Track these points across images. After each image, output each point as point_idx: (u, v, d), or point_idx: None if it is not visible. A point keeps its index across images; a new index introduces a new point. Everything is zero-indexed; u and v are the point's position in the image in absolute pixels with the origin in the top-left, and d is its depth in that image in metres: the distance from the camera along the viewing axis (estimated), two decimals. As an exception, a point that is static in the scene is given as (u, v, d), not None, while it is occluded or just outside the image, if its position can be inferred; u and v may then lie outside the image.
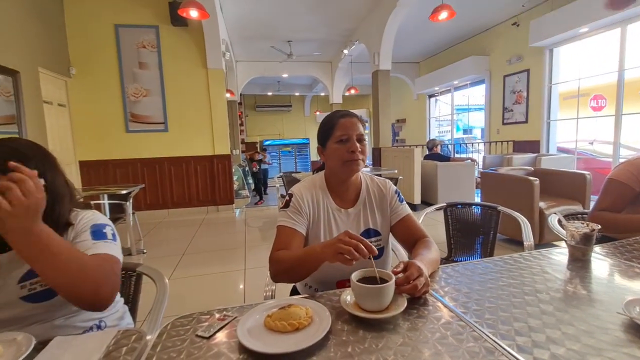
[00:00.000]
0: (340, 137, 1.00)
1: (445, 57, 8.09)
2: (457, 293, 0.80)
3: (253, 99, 12.70)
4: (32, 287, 0.78)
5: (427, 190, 4.94)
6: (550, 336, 0.61)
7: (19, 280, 0.77)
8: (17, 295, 0.77)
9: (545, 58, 5.54)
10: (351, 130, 1.00)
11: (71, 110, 4.63)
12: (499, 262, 0.98)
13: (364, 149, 1.01)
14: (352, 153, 0.99)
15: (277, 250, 0.94)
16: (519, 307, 0.71)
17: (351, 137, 1.00)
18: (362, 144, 1.01)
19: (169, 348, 0.61)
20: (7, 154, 0.74)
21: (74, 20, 4.55)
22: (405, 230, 1.07)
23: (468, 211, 1.81)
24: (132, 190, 3.27)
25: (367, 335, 0.63)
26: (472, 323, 0.66)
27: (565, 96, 5.71)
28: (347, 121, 1.02)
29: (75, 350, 0.61)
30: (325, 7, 5.43)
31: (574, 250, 0.97)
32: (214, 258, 3.23)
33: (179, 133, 5.04)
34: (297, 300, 0.74)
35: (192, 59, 4.98)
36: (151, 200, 5.04)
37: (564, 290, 0.80)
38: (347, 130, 1.00)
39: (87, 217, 0.85)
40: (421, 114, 9.52)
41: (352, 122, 1.01)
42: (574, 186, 3.10)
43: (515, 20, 5.92)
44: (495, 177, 3.35)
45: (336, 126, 1.02)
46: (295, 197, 1.02)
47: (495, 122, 6.74)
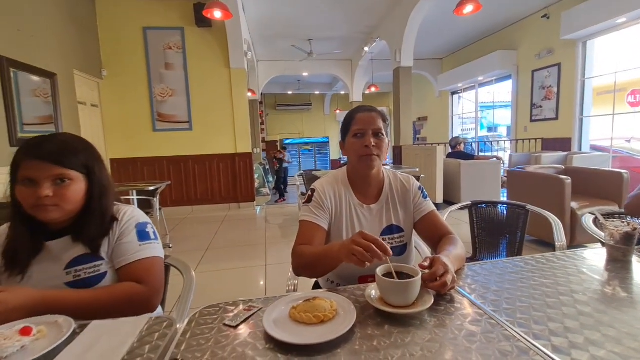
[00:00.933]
0: (356, 132, 1.00)
1: (470, 52, 7.84)
2: (485, 291, 0.77)
3: (274, 98, 12.83)
4: (77, 274, 0.81)
5: (450, 189, 4.81)
6: (589, 338, 0.58)
7: (66, 266, 0.81)
8: (62, 281, 0.81)
9: (578, 51, 5.25)
10: (368, 124, 0.99)
11: (103, 110, 4.85)
12: (530, 261, 0.94)
13: (379, 144, 0.99)
14: (366, 148, 0.98)
15: (300, 245, 0.95)
16: (553, 307, 0.68)
17: (367, 131, 0.99)
18: (379, 138, 0.99)
19: (198, 335, 0.63)
20: (58, 147, 0.78)
21: (105, 25, 4.77)
22: (429, 227, 1.05)
23: (494, 210, 1.75)
24: (159, 187, 3.40)
25: (393, 330, 0.62)
26: (504, 322, 0.64)
27: (599, 91, 5.39)
28: (364, 116, 1.00)
29: (111, 334, 0.64)
30: (347, 3, 5.39)
31: (613, 250, 0.91)
32: (236, 253, 3.29)
33: (202, 132, 5.17)
34: (322, 294, 0.74)
35: (216, 59, 5.09)
36: (176, 196, 5.21)
37: (602, 291, 0.76)
38: (363, 124, 0.99)
39: (129, 213, 0.88)
40: (443, 112, 9.28)
41: (370, 117, 1.00)
42: (609, 186, 2.93)
43: (545, 12, 5.65)
44: (523, 176, 3.22)
45: (354, 120, 1.01)
46: (317, 192, 1.02)
47: (522, 119, 6.47)
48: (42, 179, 0.75)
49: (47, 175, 0.75)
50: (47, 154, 0.75)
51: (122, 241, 0.84)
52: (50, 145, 0.77)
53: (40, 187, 0.74)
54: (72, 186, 0.78)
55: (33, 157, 0.74)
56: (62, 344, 0.60)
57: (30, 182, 0.75)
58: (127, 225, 0.86)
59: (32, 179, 0.74)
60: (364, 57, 7.72)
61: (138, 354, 0.58)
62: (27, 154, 0.75)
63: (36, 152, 0.75)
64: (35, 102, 3.42)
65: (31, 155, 0.75)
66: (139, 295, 0.80)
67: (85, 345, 0.61)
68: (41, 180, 0.75)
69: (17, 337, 0.59)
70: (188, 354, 0.57)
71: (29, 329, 0.61)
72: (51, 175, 0.75)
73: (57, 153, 0.76)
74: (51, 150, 0.76)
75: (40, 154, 0.75)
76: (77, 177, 0.79)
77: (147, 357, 0.57)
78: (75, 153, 0.79)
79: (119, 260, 0.84)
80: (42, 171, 0.74)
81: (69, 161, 0.77)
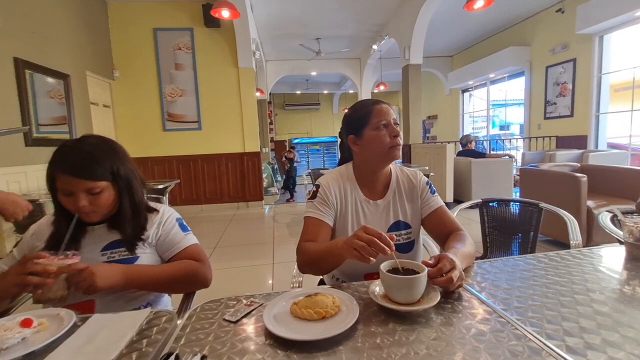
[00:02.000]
0: (379, 123, 0.97)
1: (481, 49, 7.69)
2: (495, 289, 0.74)
3: (282, 98, 12.86)
4: (111, 255, 0.87)
5: (460, 188, 4.73)
6: (607, 338, 0.54)
7: (102, 248, 0.88)
8: (97, 262, 0.85)
9: (594, 46, 5.09)
10: (389, 115, 0.98)
11: (114, 111, 4.94)
12: (543, 258, 0.90)
13: (399, 134, 1.00)
14: (395, 138, 0.97)
15: (305, 242, 0.94)
16: (568, 307, 0.65)
17: (389, 122, 0.98)
18: (398, 128, 1.00)
19: (198, 330, 0.62)
20: (84, 160, 0.82)
21: (117, 26, 4.85)
22: (437, 223, 1.02)
23: (505, 209, 1.70)
24: (169, 185, 3.43)
25: (397, 328, 0.60)
26: (514, 320, 0.61)
27: (616, 87, 5.22)
28: (383, 107, 0.99)
29: (111, 327, 0.63)
30: (355, 1, 5.36)
31: (633, 248, 0.87)
32: (244, 252, 3.30)
33: (211, 131, 5.21)
34: (324, 290, 0.72)
35: (224, 58, 5.12)
36: (186, 195, 5.26)
37: (621, 290, 0.72)
38: (385, 115, 0.98)
39: (167, 211, 0.99)
40: (454, 110, 9.14)
41: (387, 109, 1.00)
42: (627, 184, 2.82)
43: (559, 6, 5.49)
44: (536, 174, 3.13)
45: (372, 113, 0.98)
46: (322, 188, 1.01)
47: (536, 116, 6.31)
48: (77, 192, 0.81)
49: (81, 189, 0.81)
50: (76, 169, 0.80)
51: (169, 235, 0.94)
52: (77, 159, 0.81)
53: (77, 199, 0.81)
54: (103, 195, 0.84)
55: (64, 173, 0.80)
56: (63, 336, 0.60)
57: (67, 193, 0.82)
58: (169, 220, 0.96)
59: (68, 192, 0.81)
60: (373, 56, 7.66)
61: (136, 347, 0.57)
62: (58, 169, 0.81)
63: (66, 168, 0.80)
64: (49, 103, 3.50)
65: (62, 170, 0.80)
66: (200, 269, 0.91)
67: (85, 337, 0.60)
68: (77, 192, 0.81)
69: (18, 329, 0.59)
70: (186, 348, 0.56)
71: (30, 320, 0.61)
72: (84, 189, 0.81)
73: (85, 167, 0.81)
74: (79, 164, 0.81)
75: (70, 170, 0.80)
76: (106, 185, 0.85)
77: (145, 351, 0.56)
78: (101, 163, 0.84)
79: (172, 250, 0.93)
80: (75, 185, 0.81)
81: (96, 173, 0.82)
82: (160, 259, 0.95)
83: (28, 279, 0.69)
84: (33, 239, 0.89)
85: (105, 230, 0.90)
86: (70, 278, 0.73)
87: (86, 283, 0.73)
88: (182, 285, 0.90)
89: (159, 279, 0.86)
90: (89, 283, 0.73)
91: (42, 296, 0.72)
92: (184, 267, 0.90)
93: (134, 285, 0.83)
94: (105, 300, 0.85)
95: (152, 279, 0.85)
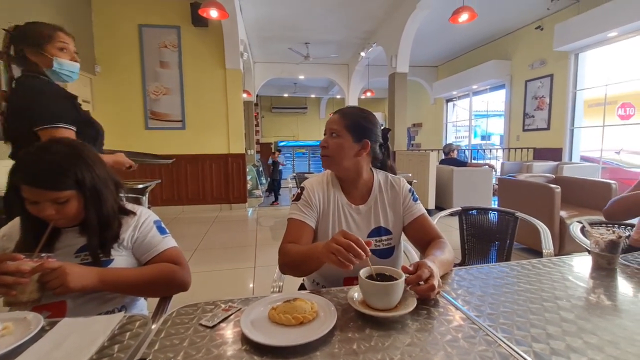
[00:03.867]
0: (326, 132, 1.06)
1: (465, 61, 7.93)
2: (470, 296, 0.76)
3: (269, 101, 12.82)
4: (85, 257, 0.85)
5: (442, 195, 4.83)
6: (571, 345, 0.57)
7: (77, 250, 0.85)
8: None
9: (570, 63, 5.35)
10: (328, 126, 1.04)
11: (94, 107, 4.78)
12: (515, 267, 0.94)
13: (330, 144, 1.01)
14: (322, 148, 1.03)
15: (287, 243, 0.95)
16: (536, 314, 0.68)
17: (326, 131, 1.04)
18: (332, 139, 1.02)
19: (172, 335, 0.61)
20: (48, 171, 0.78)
21: (100, 20, 4.72)
22: (419, 230, 1.04)
23: (484, 217, 1.75)
24: (149, 185, 3.34)
25: (373, 334, 0.61)
26: (486, 327, 0.63)
27: (590, 103, 5.49)
28: (330, 118, 1.06)
29: (81, 332, 0.61)
30: (345, 8, 5.42)
31: (598, 258, 0.91)
32: (225, 255, 3.25)
33: (195, 131, 5.12)
34: (303, 295, 0.72)
35: (211, 59, 5.07)
36: (167, 196, 5.14)
37: (586, 298, 0.75)
38: (327, 124, 1.05)
39: (144, 213, 0.97)
40: (438, 119, 9.36)
41: (331, 119, 1.05)
42: (598, 196, 2.96)
43: (539, 23, 5.75)
44: (514, 184, 3.24)
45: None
46: (306, 190, 1.03)
47: (515, 128, 6.55)
48: (42, 202, 0.79)
49: (47, 199, 0.78)
50: (39, 181, 0.77)
51: (146, 238, 0.92)
52: (40, 169, 0.78)
53: (43, 209, 0.79)
54: (69, 204, 0.81)
55: (27, 184, 0.77)
56: (29, 341, 0.58)
57: (33, 203, 0.79)
58: (146, 223, 0.94)
59: (34, 201, 0.79)
60: (361, 62, 7.76)
61: (107, 353, 0.56)
62: (22, 180, 0.77)
63: (28, 179, 0.77)
64: (24, 95, 3.36)
65: (25, 181, 0.77)
66: (178, 273, 0.89)
67: (53, 342, 0.58)
68: (42, 203, 0.79)
69: (-19, 334, 0.56)
70: (160, 354, 0.55)
71: (-6, 325, 0.58)
72: (50, 199, 0.79)
73: (48, 178, 0.78)
74: (42, 175, 0.77)
75: (33, 181, 0.77)
76: (72, 194, 0.81)
77: (116, 357, 0.55)
78: (65, 173, 0.80)
79: (149, 253, 0.92)
80: (40, 196, 0.78)
81: (60, 184, 0.79)
82: (137, 262, 0.93)
83: (2, 278, 0.67)
84: (4, 241, 0.86)
85: (76, 234, 0.87)
86: (42, 277, 0.71)
87: (58, 282, 0.71)
88: (160, 289, 0.89)
89: (135, 282, 0.84)
90: (60, 282, 0.71)
91: (16, 298, 0.69)
92: (161, 271, 0.88)
93: (109, 288, 0.82)
94: (78, 301, 0.82)
95: (128, 282, 0.83)
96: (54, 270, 0.71)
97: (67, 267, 0.73)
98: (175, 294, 0.92)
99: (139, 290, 0.88)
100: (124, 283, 0.83)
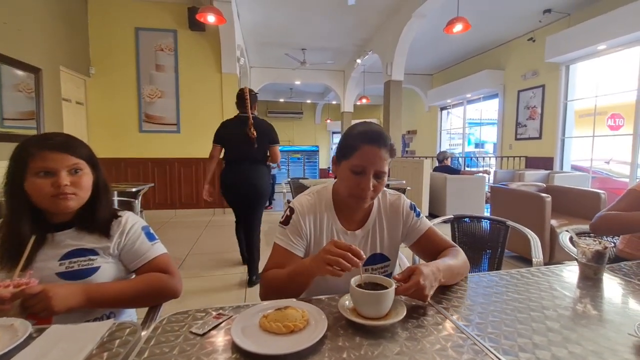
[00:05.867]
0: (355, 167, 0.86)
1: (459, 70, 8.06)
2: (460, 305, 0.77)
3: (265, 105, 12.84)
4: (70, 265, 0.83)
5: (436, 202, 4.87)
6: (556, 354, 0.58)
7: (61, 257, 0.83)
8: (54, 271, 0.81)
9: (561, 74, 5.46)
10: (371, 163, 0.84)
11: (88, 109, 4.75)
12: (505, 276, 0.95)
13: (378, 188, 0.87)
14: (362, 190, 0.86)
15: (268, 270, 0.90)
16: (524, 323, 0.69)
17: (367, 171, 0.85)
18: (379, 181, 0.87)
19: (162, 343, 0.61)
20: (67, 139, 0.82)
21: (96, 22, 4.71)
22: (429, 245, 0.99)
23: (476, 225, 1.77)
24: (142, 189, 3.32)
25: (363, 342, 0.61)
26: (474, 336, 0.64)
27: (581, 114, 5.60)
28: (371, 150, 0.84)
29: (70, 340, 0.61)
30: (341, 16, 5.49)
31: (585, 268, 0.93)
32: (218, 260, 3.23)
33: (190, 135, 5.11)
34: (294, 303, 0.72)
35: (208, 63, 5.08)
36: (160, 199, 5.10)
37: (572, 308, 0.77)
38: (366, 161, 0.84)
39: (132, 219, 0.94)
40: (432, 126, 9.46)
41: (376, 154, 0.84)
42: (587, 205, 3.01)
43: (531, 35, 5.88)
44: (506, 192, 3.28)
45: (357, 152, 0.85)
46: (296, 215, 0.93)
47: (507, 136, 6.65)
48: (60, 169, 0.78)
49: (65, 165, 0.79)
50: (61, 145, 0.80)
51: (135, 245, 0.90)
52: (60, 137, 0.82)
53: (60, 177, 0.78)
54: (85, 176, 0.84)
55: (49, 149, 0.78)
56: (16, 349, 0.57)
57: (46, 174, 0.78)
58: (134, 229, 0.91)
59: (50, 169, 0.78)
60: (356, 69, 7.84)
61: (95, 361, 0.55)
62: (41, 146, 0.78)
63: (51, 144, 0.79)
64: (17, 96, 3.33)
65: (46, 146, 0.78)
66: (168, 282, 0.88)
67: (41, 350, 0.58)
68: (60, 170, 0.78)
69: (-34, 341, 0.56)
70: (149, 362, 0.55)
71: (-20, 332, 0.58)
72: (68, 165, 0.80)
73: (70, 144, 0.81)
74: (63, 141, 0.81)
75: (56, 145, 0.79)
76: (87, 167, 0.85)
77: (105, 365, 0.54)
78: (82, 145, 0.85)
79: (138, 261, 0.90)
80: (59, 161, 0.78)
81: (80, 151, 0.83)
82: (125, 269, 0.91)
83: None
84: None
85: (74, 234, 0.86)
86: (25, 302, 0.68)
87: (41, 306, 0.69)
88: (149, 300, 0.88)
89: (123, 296, 0.82)
90: (44, 306, 0.69)
91: None
92: (150, 282, 0.86)
93: (96, 305, 0.80)
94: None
95: (115, 297, 0.81)
96: (36, 295, 0.69)
97: (49, 290, 0.70)
98: (165, 302, 0.91)
99: (127, 303, 0.87)
100: (111, 298, 0.81)
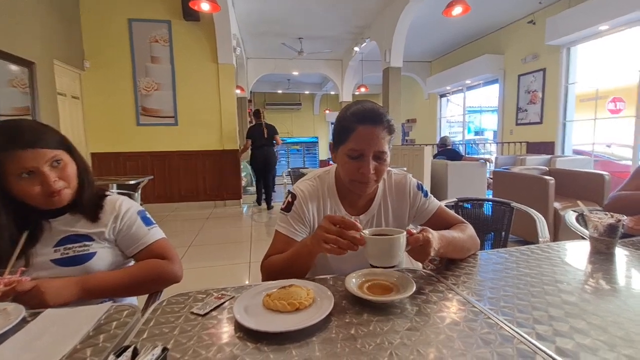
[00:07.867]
0: (352, 152, 0.81)
1: (458, 56, 7.95)
2: (469, 281, 0.75)
3: (263, 97, 12.73)
4: (65, 251, 0.80)
5: (437, 189, 4.84)
6: (574, 326, 0.56)
7: (56, 244, 0.80)
8: (49, 258, 0.79)
9: (562, 57, 5.38)
10: (368, 144, 0.79)
11: (84, 103, 4.68)
12: (514, 252, 0.92)
13: (380, 170, 0.82)
14: (362, 175, 0.81)
15: (269, 256, 0.87)
16: (537, 297, 0.66)
17: (366, 154, 0.80)
18: (381, 163, 0.82)
19: (162, 324, 0.58)
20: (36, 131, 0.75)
21: (89, 14, 4.61)
22: (440, 224, 0.94)
23: (479, 209, 1.75)
24: (141, 181, 3.29)
25: (372, 318, 0.59)
26: (487, 310, 0.61)
27: (582, 98, 5.53)
28: (367, 131, 0.79)
29: (64, 323, 0.58)
30: (338, 3, 5.38)
31: (597, 242, 0.90)
32: (220, 251, 3.22)
33: (188, 127, 5.05)
34: (298, 281, 0.70)
35: (203, 53, 4.99)
36: (160, 193, 5.07)
37: (586, 281, 0.74)
38: (362, 144, 0.79)
39: (126, 203, 0.90)
40: (432, 114, 9.38)
41: (373, 134, 0.79)
42: (591, 187, 2.98)
43: (531, 17, 5.77)
44: (508, 176, 3.25)
45: (352, 134, 0.80)
46: (298, 201, 0.90)
47: (508, 122, 6.58)
48: (40, 166, 0.73)
49: (44, 161, 0.73)
50: (31, 141, 0.72)
51: (131, 229, 0.87)
52: (28, 132, 0.73)
53: (45, 176, 0.73)
54: (67, 165, 0.79)
55: (20, 148, 0.71)
56: (9, 332, 0.54)
57: (29, 173, 0.72)
58: (129, 214, 0.88)
59: (30, 169, 0.72)
60: (354, 57, 7.73)
61: (92, 342, 0.53)
62: (9, 148, 0.70)
63: (20, 143, 0.71)
64: (11, 92, 3.27)
65: (16, 147, 0.71)
66: (167, 268, 0.85)
67: (35, 333, 0.55)
68: (40, 167, 0.73)
69: (-44, 325, 0.53)
70: (148, 342, 0.52)
71: (-30, 316, 0.55)
72: (47, 160, 0.74)
73: (39, 136, 0.74)
74: (31, 135, 0.72)
75: (26, 143, 0.71)
76: (65, 155, 0.79)
77: (101, 347, 0.52)
78: (51, 132, 0.79)
79: (135, 246, 0.87)
80: (36, 159, 0.72)
81: (52, 142, 0.76)
82: (122, 255, 0.89)
83: None
84: None
85: (69, 219, 0.82)
86: (17, 299, 0.66)
87: (35, 302, 0.67)
88: (149, 287, 0.85)
89: (120, 284, 0.80)
90: (38, 302, 0.67)
91: None
92: (149, 269, 0.84)
93: (93, 295, 0.76)
94: None
95: (112, 286, 0.79)
96: (29, 292, 0.66)
97: (42, 285, 0.68)
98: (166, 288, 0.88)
99: (126, 292, 0.83)
100: (108, 287, 0.79)
